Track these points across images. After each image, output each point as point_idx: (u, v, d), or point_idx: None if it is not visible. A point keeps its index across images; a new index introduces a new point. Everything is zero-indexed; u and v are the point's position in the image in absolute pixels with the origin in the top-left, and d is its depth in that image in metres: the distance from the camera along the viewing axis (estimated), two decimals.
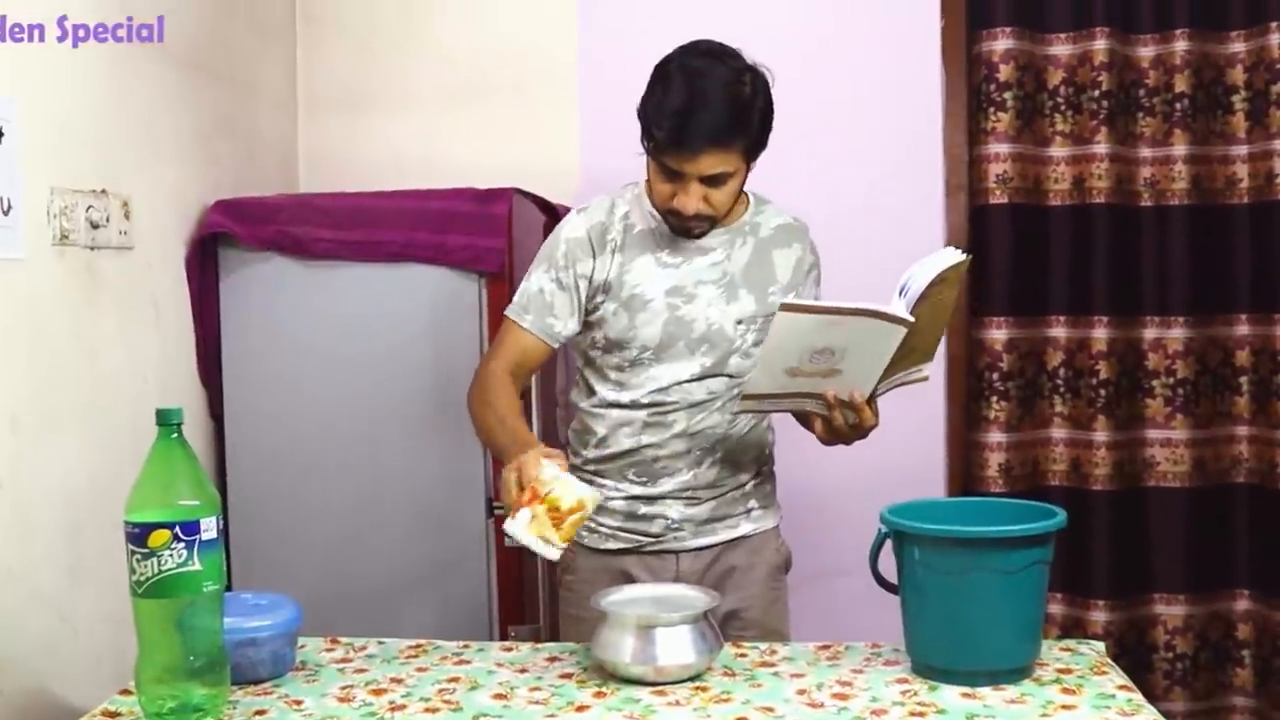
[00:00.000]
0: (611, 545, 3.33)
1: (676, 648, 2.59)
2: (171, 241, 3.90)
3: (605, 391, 3.29)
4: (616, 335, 3.22)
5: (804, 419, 3.19)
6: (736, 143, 3.04)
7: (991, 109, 4.72)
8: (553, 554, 2.60)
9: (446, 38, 4.91)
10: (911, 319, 2.79)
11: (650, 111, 3.07)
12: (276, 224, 4.01)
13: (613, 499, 3.30)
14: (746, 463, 3.38)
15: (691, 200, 3.07)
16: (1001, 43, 4.69)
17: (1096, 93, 4.68)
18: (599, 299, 3.22)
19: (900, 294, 2.84)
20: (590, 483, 3.25)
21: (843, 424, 3.00)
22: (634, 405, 3.25)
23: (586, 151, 4.77)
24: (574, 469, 3.31)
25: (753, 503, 3.42)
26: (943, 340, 4.31)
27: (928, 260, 2.84)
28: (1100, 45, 4.66)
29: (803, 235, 3.42)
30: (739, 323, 3.25)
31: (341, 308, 4.02)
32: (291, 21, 4.93)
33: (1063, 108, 4.74)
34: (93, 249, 3.42)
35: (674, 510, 3.30)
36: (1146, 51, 4.72)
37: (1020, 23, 4.71)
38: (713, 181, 3.07)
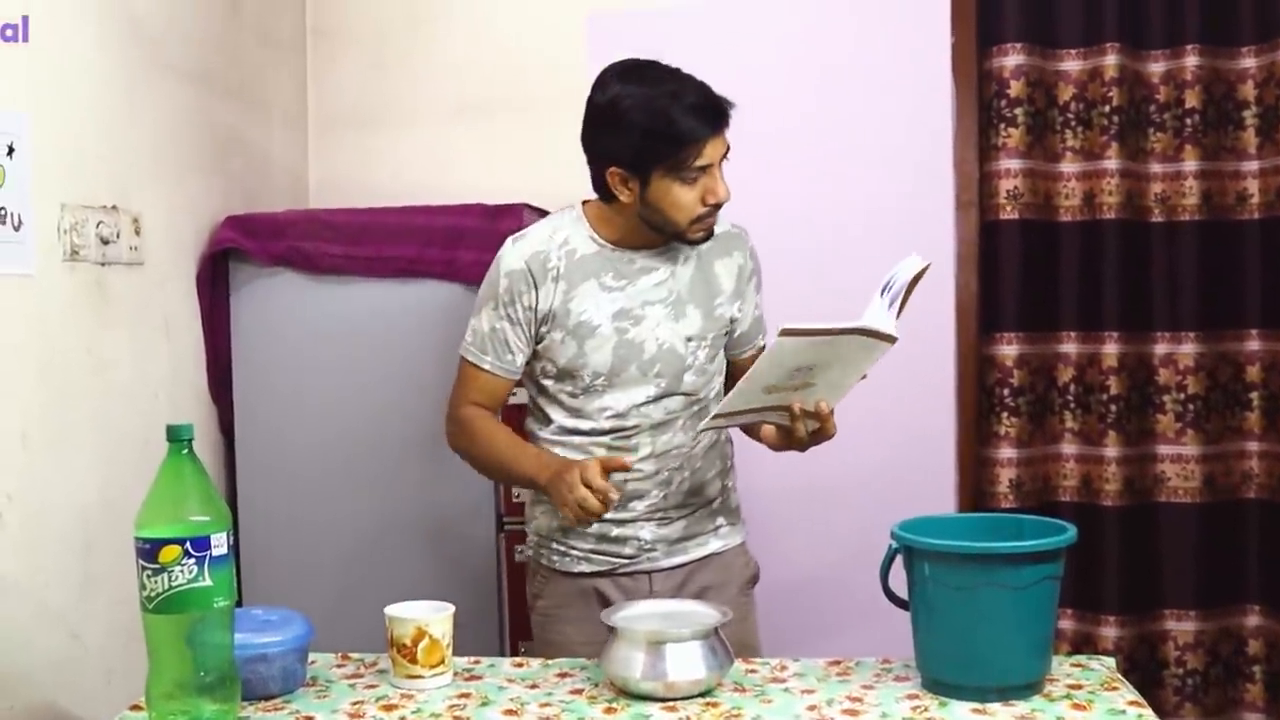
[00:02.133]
0: (584, 568, 3.30)
1: (687, 663, 2.58)
2: (182, 257, 3.91)
3: (562, 419, 3.25)
4: (566, 364, 3.17)
5: (751, 429, 3.22)
6: (728, 109, 3.07)
7: (1002, 125, 4.72)
8: None
9: (456, 54, 4.92)
10: (897, 336, 2.80)
11: (644, 136, 3.01)
12: (287, 239, 4.02)
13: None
14: (712, 478, 3.35)
15: (723, 186, 3.05)
16: (1012, 58, 4.69)
17: (1107, 108, 4.68)
18: (545, 328, 3.17)
19: (883, 292, 2.85)
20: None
21: (804, 434, 3.00)
22: (594, 433, 3.22)
23: None
24: (539, 496, 3.31)
25: (720, 519, 3.40)
26: (952, 355, 4.32)
27: (903, 263, 2.86)
28: (1111, 61, 4.66)
29: (742, 242, 3.37)
30: (689, 340, 3.22)
31: (352, 323, 4.03)
32: (302, 38, 4.95)
33: (1073, 123, 4.74)
34: (103, 265, 3.43)
35: (646, 531, 3.27)
36: (1157, 67, 4.72)
37: (1031, 39, 4.71)
38: (722, 162, 3.08)
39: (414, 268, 3.97)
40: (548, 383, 3.24)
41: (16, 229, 3.04)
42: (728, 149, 3.08)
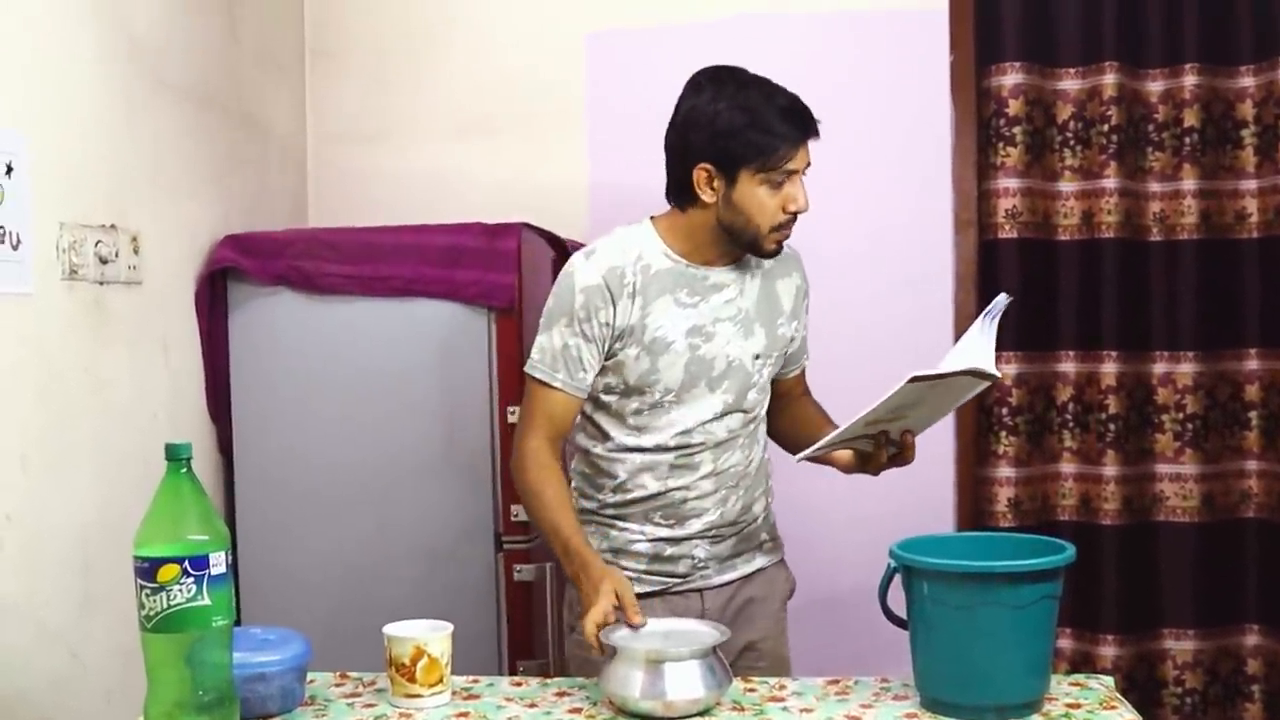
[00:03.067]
0: (637, 589, 3.22)
1: (686, 682, 2.58)
2: (181, 276, 3.91)
3: (623, 437, 3.22)
4: (638, 380, 3.15)
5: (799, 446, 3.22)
6: (816, 121, 3.10)
7: (1001, 144, 4.72)
8: None
9: (455, 72, 4.93)
10: (999, 375, 2.80)
11: (739, 134, 3.01)
12: (286, 259, 4.02)
13: (636, 543, 3.26)
14: (759, 496, 3.36)
15: (805, 195, 3.08)
16: (1011, 77, 4.69)
17: (1105, 127, 4.69)
18: (619, 345, 3.14)
19: (983, 329, 2.85)
20: (610, 526, 3.26)
21: (884, 460, 3.02)
22: (658, 449, 3.20)
23: (595, 186, 4.77)
24: (587, 513, 3.30)
25: (764, 535, 3.42)
26: None
27: (998, 300, 2.86)
28: (1109, 80, 4.66)
29: (798, 263, 3.40)
30: (756, 357, 3.23)
31: (351, 342, 4.03)
32: (301, 57, 4.95)
33: (1072, 142, 4.74)
34: (102, 284, 3.43)
35: (700, 550, 3.27)
36: (1155, 86, 4.73)
37: (1029, 57, 4.71)
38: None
39: (413, 287, 3.97)
40: (610, 399, 3.21)
41: (15, 248, 3.04)
42: (809, 162, 3.10)
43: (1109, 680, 2.81)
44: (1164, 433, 4.76)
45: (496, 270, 3.92)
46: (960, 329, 4.72)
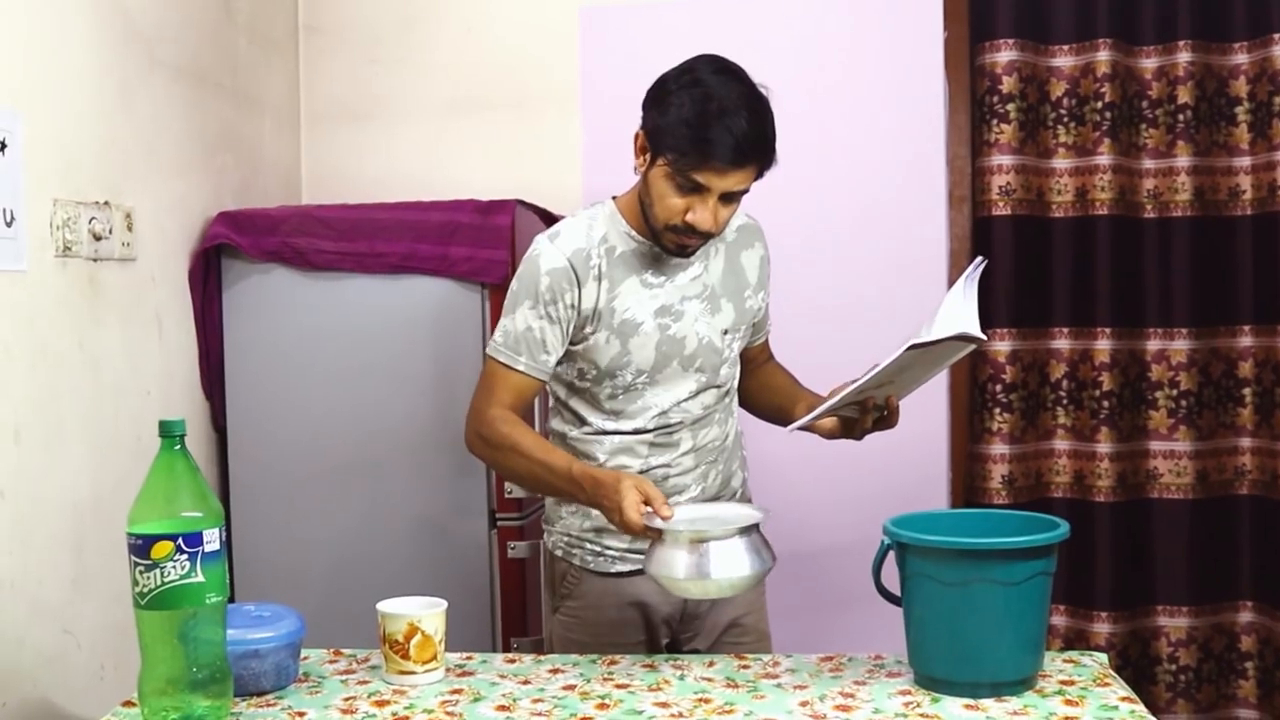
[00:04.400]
0: (620, 568, 3.26)
1: (730, 560, 2.60)
2: (174, 253, 3.91)
3: (599, 421, 3.20)
4: (609, 364, 3.12)
5: (783, 415, 3.24)
6: (762, 160, 2.97)
7: (994, 121, 4.72)
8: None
9: (449, 51, 4.92)
10: (985, 338, 2.79)
11: (673, 124, 2.94)
12: (279, 235, 4.01)
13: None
14: (735, 469, 3.37)
15: (709, 216, 2.96)
16: (1004, 54, 4.69)
17: (1099, 104, 4.69)
18: (588, 329, 3.10)
19: (965, 292, 2.81)
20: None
21: (868, 425, 3.02)
22: (638, 432, 3.18)
23: (588, 165, 4.76)
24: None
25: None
26: None
27: (974, 265, 2.82)
28: (1103, 57, 4.66)
29: (759, 233, 3.37)
30: (725, 333, 3.21)
31: (344, 319, 4.02)
32: (294, 35, 4.94)
33: (1065, 119, 4.74)
34: (95, 261, 3.42)
35: None
36: (1149, 63, 4.73)
37: (1023, 35, 4.71)
38: (728, 198, 2.99)
39: (406, 263, 3.97)
40: (584, 384, 3.18)
41: (9, 225, 3.04)
42: (741, 192, 3.01)
43: (1103, 657, 2.81)
44: (1158, 409, 4.77)
45: (490, 247, 3.92)
46: None
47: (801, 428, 3.06)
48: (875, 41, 4.57)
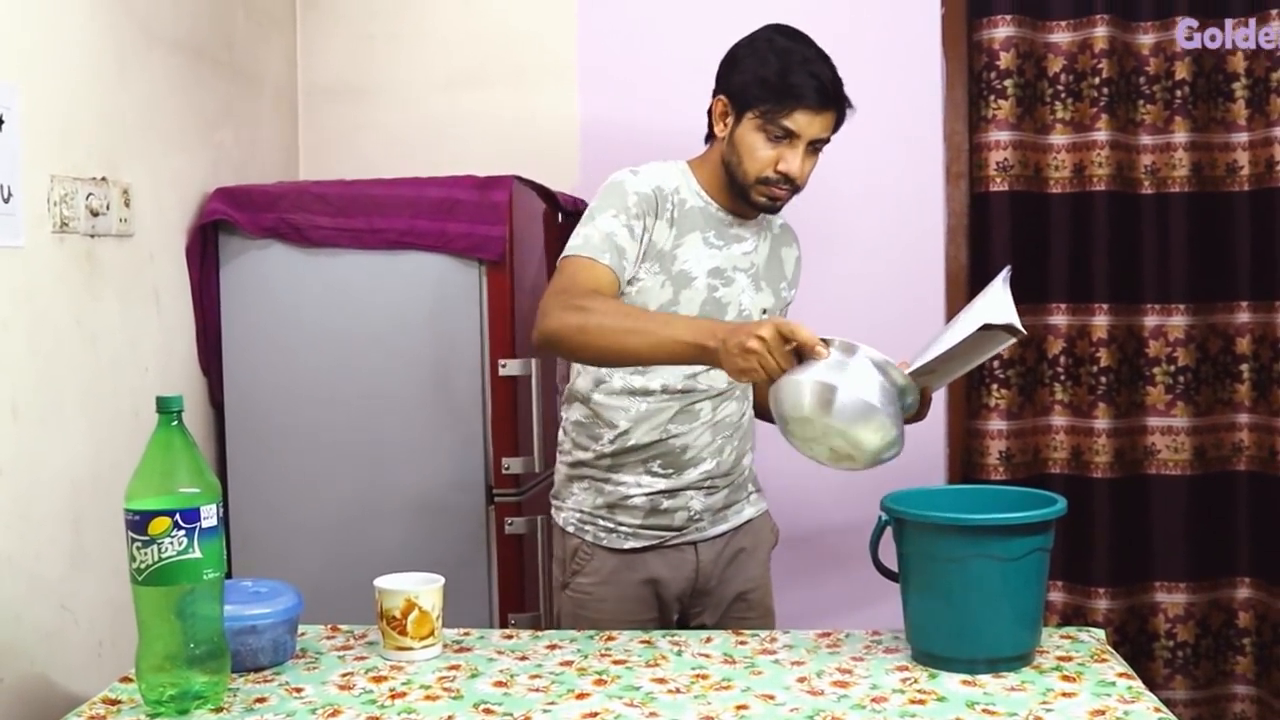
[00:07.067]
0: (632, 544, 3.30)
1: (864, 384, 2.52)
2: (172, 229, 3.90)
3: (628, 377, 3.22)
4: (656, 309, 3.12)
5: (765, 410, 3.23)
6: (841, 106, 3.14)
7: (992, 96, 4.71)
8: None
9: (446, 26, 4.91)
10: (1025, 332, 2.75)
11: (760, 77, 3.07)
12: (277, 211, 4.01)
13: (632, 496, 3.28)
14: (747, 449, 3.42)
15: (798, 164, 3.09)
16: (1002, 30, 4.68)
17: (1097, 80, 4.68)
18: (647, 265, 3.13)
19: (1002, 280, 2.78)
20: (605, 481, 3.27)
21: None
22: (664, 391, 3.21)
23: (586, 140, 4.76)
24: (581, 465, 3.31)
25: (751, 486, 3.49)
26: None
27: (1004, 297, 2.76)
28: (1100, 32, 4.65)
29: (796, 237, 3.51)
30: (764, 312, 3.29)
31: (342, 295, 4.02)
32: (292, 9, 4.93)
33: (1063, 95, 4.73)
34: (93, 237, 3.42)
35: (696, 501, 3.31)
36: (1147, 39, 4.71)
37: (1021, 10, 4.70)
38: (813, 148, 3.13)
39: (405, 239, 3.96)
40: None
41: (6, 201, 3.03)
42: (823, 142, 3.14)
43: (1100, 633, 2.82)
44: (1155, 385, 4.77)
45: (487, 223, 3.91)
46: (951, 281, 4.73)
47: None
48: (872, 18, 4.58)
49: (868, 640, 2.79)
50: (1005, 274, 2.77)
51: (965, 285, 4.75)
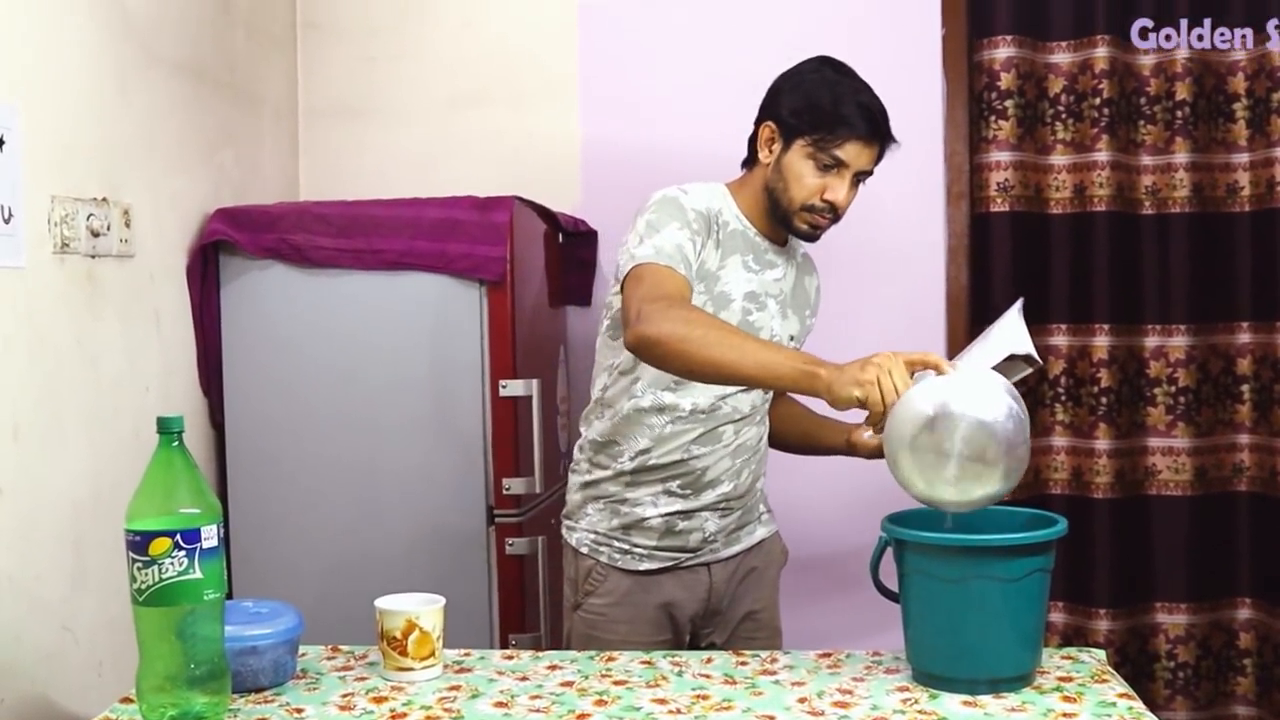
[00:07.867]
0: (648, 566, 3.31)
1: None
2: (172, 249, 3.91)
3: (659, 394, 3.22)
4: None
5: (832, 440, 3.37)
6: (888, 137, 3.21)
7: (993, 117, 4.72)
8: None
9: (447, 46, 4.91)
10: (1042, 363, 2.77)
11: (812, 105, 3.13)
12: (277, 232, 4.01)
13: (648, 518, 3.29)
14: (762, 472, 3.45)
15: (844, 194, 3.14)
16: (1002, 51, 4.69)
17: (1097, 100, 4.68)
18: (692, 283, 3.09)
19: (1017, 312, 2.79)
20: (621, 501, 3.28)
21: None
22: (693, 412, 3.22)
23: (587, 161, 4.76)
24: (597, 485, 3.32)
25: (762, 508, 3.52)
26: (943, 347, 4.34)
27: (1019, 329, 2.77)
28: (1101, 53, 4.66)
29: (815, 267, 3.55)
30: (791, 339, 3.33)
31: (342, 316, 4.02)
32: (292, 30, 4.94)
33: (1064, 115, 4.74)
34: (94, 257, 3.42)
35: (711, 523, 3.32)
36: (1147, 60, 4.72)
37: (1021, 31, 4.71)
38: (857, 179, 3.19)
39: (405, 260, 3.96)
40: None
41: (7, 221, 3.03)
42: (867, 174, 3.21)
43: (1101, 654, 2.82)
44: (1156, 406, 4.77)
45: (488, 243, 3.91)
46: (952, 302, 4.73)
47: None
48: (873, 38, 4.58)
49: (868, 660, 2.78)
50: (1019, 305, 2.78)
51: (966, 306, 4.75)
